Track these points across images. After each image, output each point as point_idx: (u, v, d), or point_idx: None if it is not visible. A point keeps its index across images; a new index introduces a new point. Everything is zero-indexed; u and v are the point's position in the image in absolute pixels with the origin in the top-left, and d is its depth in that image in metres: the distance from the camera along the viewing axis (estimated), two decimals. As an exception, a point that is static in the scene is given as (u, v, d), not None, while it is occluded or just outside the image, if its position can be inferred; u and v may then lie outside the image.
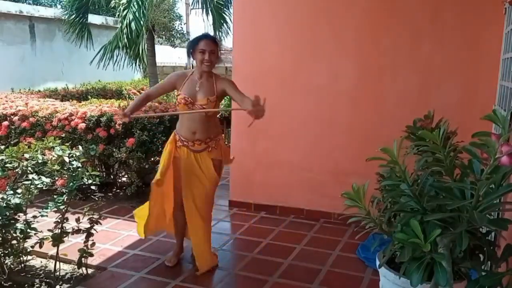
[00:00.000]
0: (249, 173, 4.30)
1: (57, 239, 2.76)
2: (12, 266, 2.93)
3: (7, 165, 2.70)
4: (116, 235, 3.66)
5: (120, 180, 5.00)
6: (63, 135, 4.33)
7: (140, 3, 6.69)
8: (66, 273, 3.00)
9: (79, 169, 2.77)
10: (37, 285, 2.85)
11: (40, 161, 2.74)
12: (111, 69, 7.34)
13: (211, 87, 2.86)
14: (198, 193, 2.96)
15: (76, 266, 2.97)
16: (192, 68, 3.12)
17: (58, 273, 2.90)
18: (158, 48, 8.74)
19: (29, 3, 13.14)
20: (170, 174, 2.99)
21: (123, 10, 6.67)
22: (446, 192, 1.58)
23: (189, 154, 2.93)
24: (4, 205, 2.54)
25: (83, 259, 2.90)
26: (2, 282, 2.78)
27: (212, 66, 2.84)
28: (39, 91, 6.93)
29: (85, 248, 2.89)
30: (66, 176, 2.75)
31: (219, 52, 2.90)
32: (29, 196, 2.72)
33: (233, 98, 2.88)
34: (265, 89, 4.11)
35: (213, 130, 2.95)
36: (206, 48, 2.78)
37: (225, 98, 3.30)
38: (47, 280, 2.89)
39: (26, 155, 2.74)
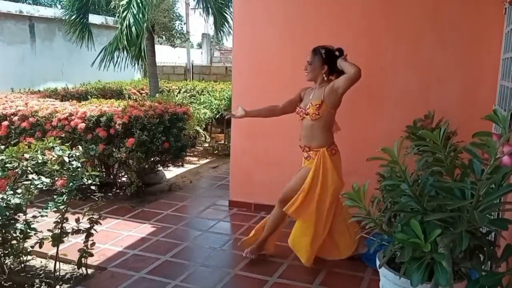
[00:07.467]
0: (249, 173, 4.30)
1: (57, 239, 2.76)
2: (12, 266, 2.92)
3: (7, 165, 2.70)
4: (116, 235, 3.66)
5: (120, 180, 5.00)
6: (63, 135, 4.32)
7: (140, 4, 6.66)
8: (66, 273, 3.00)
9: (79, 169, 2.76)
10: (37, 285, 2.85)
11: (40, 161, 2.73)
12: (111, 69, 7.34)
13: (321, 93, 2.96)
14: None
15: (76, 266, 2.97)
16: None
17: (58, 273, 2.89)
18: (158, 48, 8.73)
19: (29, 3, 13.15)
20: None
21: (123, 11, 6.64)
22: (446, 192, 1.58)
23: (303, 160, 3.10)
24: (4, 205, 2.53)
25: (83, 259, 2.90)
26: (2, 282, 2.78)
27: (308, 75, 3.01)
28: (39, 91, 6.91)
29: (85, 248, 2.89)
30: (66, 176, 2.75)
31: (317, 61, 2.97)
32: (29, 196, 2.72)
33: (342, 86, 2.88)
34: (265, 88, 4.13)
35: (316, 139, 3.01)
36: (307, 59, 3.00)
37: (225, 98, 3.28)
38: (47, 280, 2.89)
39: (26, 155, 2.74)
